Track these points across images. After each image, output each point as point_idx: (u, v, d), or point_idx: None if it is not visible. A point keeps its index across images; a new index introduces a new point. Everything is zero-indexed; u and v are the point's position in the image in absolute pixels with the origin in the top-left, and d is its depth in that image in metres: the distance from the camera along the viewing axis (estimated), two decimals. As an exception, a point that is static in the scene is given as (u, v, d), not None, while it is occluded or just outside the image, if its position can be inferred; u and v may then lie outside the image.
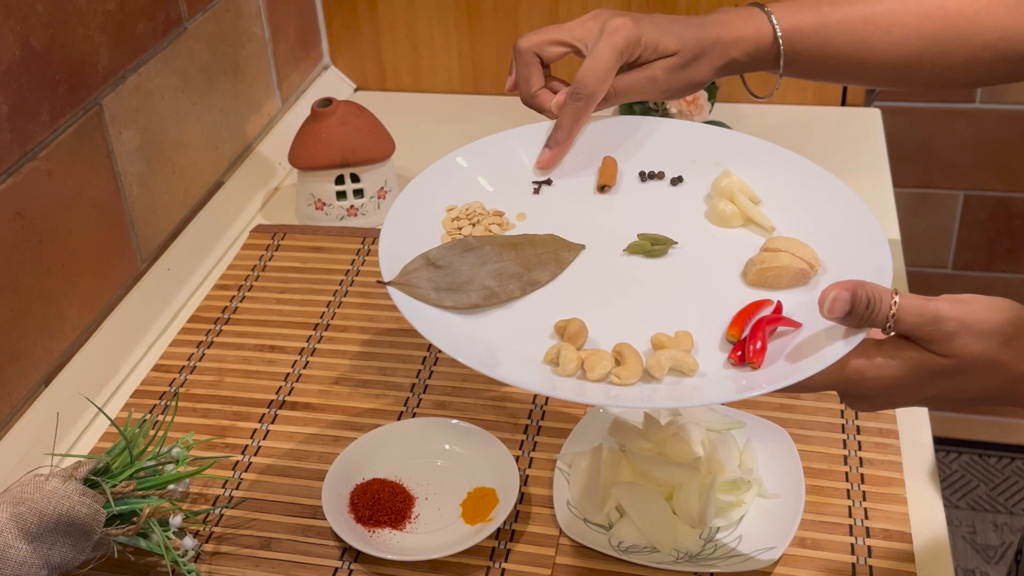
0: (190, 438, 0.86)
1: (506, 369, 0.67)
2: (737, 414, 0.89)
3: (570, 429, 0.90)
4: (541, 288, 0.74)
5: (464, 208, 0.81)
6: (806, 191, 0.78)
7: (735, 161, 0.81)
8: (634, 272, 0.75)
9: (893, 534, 0.81)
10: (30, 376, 0.95)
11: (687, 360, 0.66)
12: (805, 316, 0.67)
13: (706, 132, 0.85)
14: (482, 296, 0.73)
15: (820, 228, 0.75)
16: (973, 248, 1.98)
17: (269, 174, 1.35)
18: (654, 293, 0.74)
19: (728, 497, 0.81)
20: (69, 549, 0.75)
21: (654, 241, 0.77)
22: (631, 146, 0.85)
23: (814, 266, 0.72)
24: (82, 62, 1.00)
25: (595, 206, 0.82)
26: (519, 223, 0.80)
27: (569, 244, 0.78)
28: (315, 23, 1.52)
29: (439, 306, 0.72)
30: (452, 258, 0.75)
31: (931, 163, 1.91)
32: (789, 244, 0.73)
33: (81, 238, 1.01)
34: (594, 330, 0.70)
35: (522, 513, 0.85)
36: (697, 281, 0.74)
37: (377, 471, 0.88)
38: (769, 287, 0.72)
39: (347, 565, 0.82)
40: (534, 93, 0.86)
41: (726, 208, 0.78)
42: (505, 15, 1.47)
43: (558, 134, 0.84)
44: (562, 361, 0.67)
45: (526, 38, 0.85)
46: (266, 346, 1.05)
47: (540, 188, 0.84)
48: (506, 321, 0.72)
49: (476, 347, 0.69)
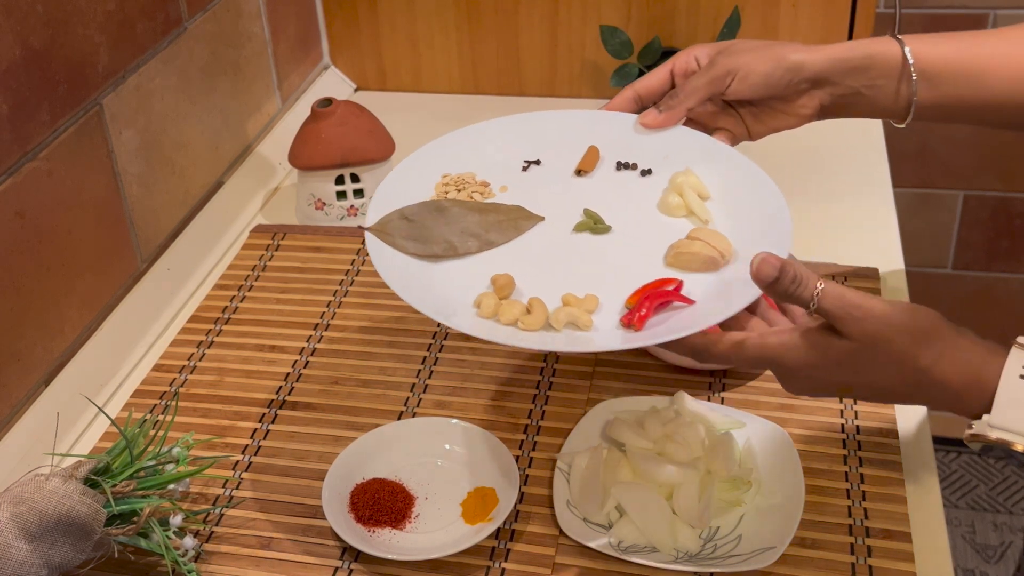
0: (190, 438, 0.86)
1: (435, 308, 0.77)
2: (737, 414, 0.89)
3: (570, 429, 0.90)
4: (495, 248, 0.85)
5: (457, 176, 0.91)
6: (746, 193, 0.86)
7: (700, 161, 0.89)
8: (577, 244, 0.85)
9: (893, 534, 0.81)
10: (30, 376, 0.95)
11: (583, 317, 0.76)
12: (703, 297, 0.77)
13: (684, 134, 0.91)
14: (442, 248, 0.85)
15: (744, 225, 0.84)
16: (973, 248, 1.98)
17: (269, 174, 1.35)
18: (584, 263, 0.83)
19: (728, 497, 0.81)
20: (69, 549, 0.75)
21: (596, 220, 0.86)
22: (617, 138, 0.92)
23: (725, 256, 0.80)
24: (82, 62, 1.00)
25: (568, 187, 0.91)
26: (500, 194, 0.90)
27: (530, 215, 0.88)
28: (315, 23, 1.52)
29: (403, 251, 0.83)
30: (424, 215, 0.87)
31: (931, 163, 1.92)
32: (708, 235, 0.81)
33: (81, 238, 1.01)
34: (523, 285, 0.80)
35: (522, 513, 0.85)
36: (624, 257, 0.83)
37: (377, 471, 0.88)
38: (682, 269, 0.81)
39: (347, 565, 0.82)
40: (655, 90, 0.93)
41: (673, 200, 0.86)
42: (505, 15, 1.47)
43: (671, 100, 0.90)
44: (483, 305, 0.78)
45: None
46: (266, 346, 1.05)
47: (528, 167, 0.93)
48: (456, 272, 0.83)
49: (425, 292, 0.80)
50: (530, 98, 1.52)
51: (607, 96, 1.49)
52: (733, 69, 0.88)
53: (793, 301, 0.70)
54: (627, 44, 1.36)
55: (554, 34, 1.47)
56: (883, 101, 0.88)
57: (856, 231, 1.18)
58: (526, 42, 1.48)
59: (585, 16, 1.44)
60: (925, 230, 1.98)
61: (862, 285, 1.07)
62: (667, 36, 1.43)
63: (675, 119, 0.91)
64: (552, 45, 1.48)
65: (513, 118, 0.95)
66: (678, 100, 0.90)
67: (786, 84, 0.88)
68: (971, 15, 1.75)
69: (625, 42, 1.36)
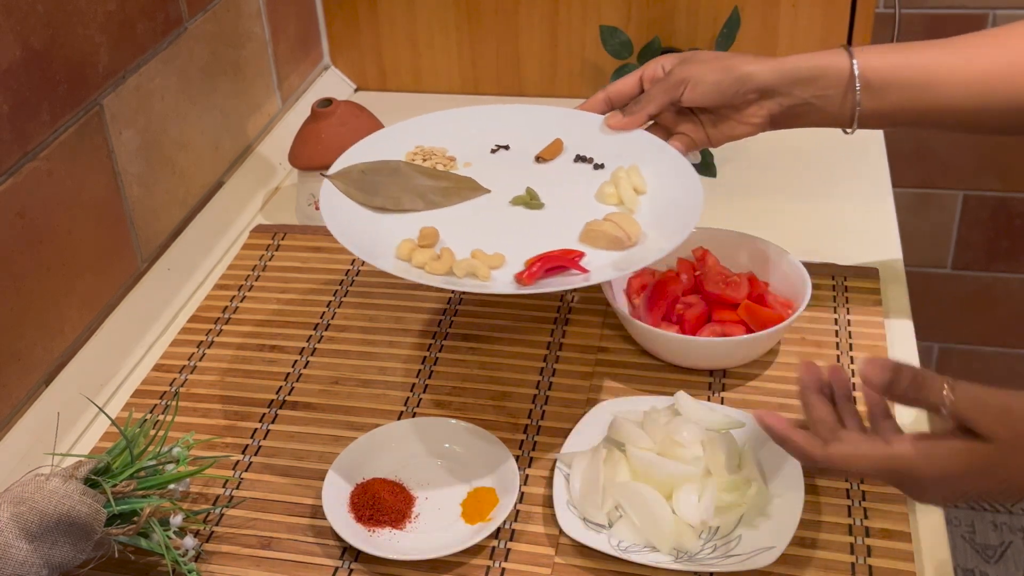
0: (190, 438, 0.86)
1: (362, 248, 0.87)
2: (737, 414, 0.89)
3: (570, 429, 0.90)
4: (437, 208, 0.95)
5: (429, 148, 1.02)
6: (676, 194, 0.94)
7: (648, 161, 0.97)
8: (510, 215, 0.95)
9: (893, 534, 0.81)
10: (30, 376, 0.95)
11: (482, 269, 0.86)
12: (598, 270, 0.87)
13: (641, 136, 0.99)
14: (388, 201, 0.95)
15: (661, 219, 0.92)
16: (972, 248, 1.98)
17: (269, 174, 1.35)
18: (508, 229, 0.93)
19: (728, 497, 0.81)
20: (70, 549, 0.75)
21: (532, 196, 0.96)
22: (583, 135, 1.01)
23: (631, 238, 0.89)
24: (82, 62, 1.00)
25: (526, 170, 1.00)
26: (463, 168, 1.00)
27: (477, 186, 0.98)
28: (315, 23, 1.52)
29: (352, 199, 0.94)
30: (380, 172, 0.98)
31: (930, 163, 1.92)
32: (621, 218, 0.91)
33: (81, 238, 1.01)
34: (449, 241, 0.90)
35: (522, 513, 0.85)
36: (544, 230, 0.92)
37: (377, 471, 0.88)
38: (590, 244, 0.90)
39: (347, 564, 0.82)
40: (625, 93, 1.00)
41: (608, 189, 0.95)
42: (505, 15, 1.47)
43: (635, 106, 0.99)
44: (400, 248, 0.89)
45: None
46: (266, 346, 1.05)
47: (497, 150, 1.03)
48: (396, 224, 0.93)
49: (359, 236, 0.89)
50: (530, 98, 1.52)
51: (607, 96, 1.49)
52: (686, 78, 0.94)
53: (916, 405, 0.66)
54: (627, 44, 1.36)
55: (554, 34, 1.47)
56: (832, 110, 0.92)
57: (856, 231, 1.18)
58: (526, 42, 1.49)
59: (585, 16, 1.45)
60: (925, 230, 1.98)
61: (862, 285, 1.07)
62: (667, 36, 1.43)
63: (636, 123, 0.99)
64: (552, 45, 1.48)
65: (495, 107, 1.05)
66: (640, 106, 0.98)
67: (734, 93, 0.93)
68: (971, 15, 1.75)
69: (625, 42, 1.36)
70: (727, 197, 1.25)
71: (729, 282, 1.00)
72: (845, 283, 1.08)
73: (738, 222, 1.14)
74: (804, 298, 0.97)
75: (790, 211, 1.23)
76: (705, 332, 0.97)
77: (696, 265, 1.04)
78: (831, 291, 1.07)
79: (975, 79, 0.88)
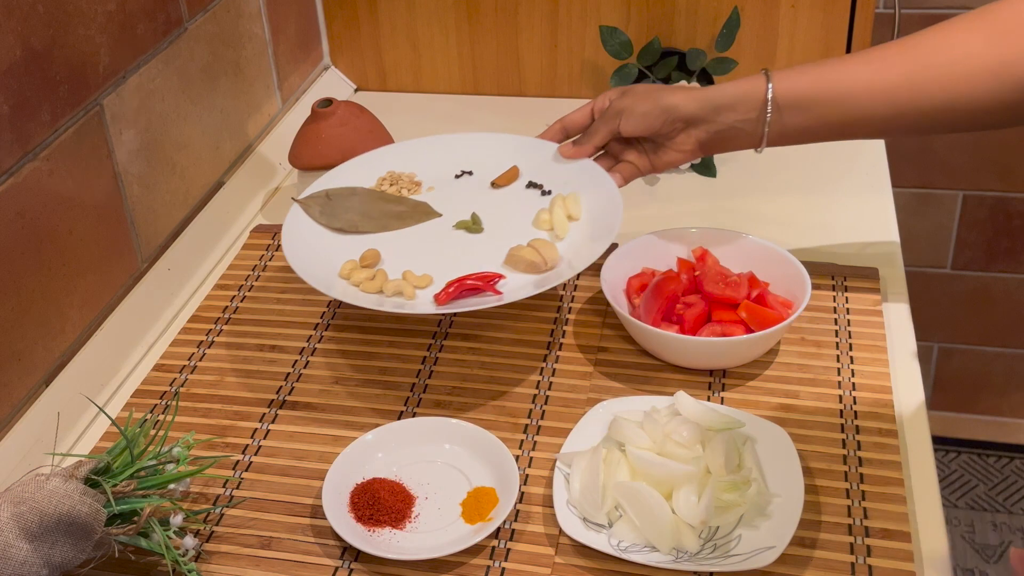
0: (191, 438, 0.86)
1: (311, 274, 0.95)
2: (737, 414, 0.89)
3: (570, 429, 0.90)
4: (390, 232, 1.05)
5: (399, 173, 1.11)
6: (605, 223, 0.99)
7: (588, 189, 1.04)
8: (451, 238, 1.04)
9: (892, 533, 0.81)
10: (31, 376, 0.95)
11: (408, 289, 0.95)
12: (512, 292, 0.94)
13: (587, 166, 1.06)
14: (346, 224, 1.05)
15: (584, 246, 0.98)
16: (972, 248, 1.98)
17: (269, 174, 1.35)
18: (445, 252, 1.01)
19: (728, 497, 0.82)
20: (70, 548, 0.75)
21: (475, 221, 1.04)
22: (538, 162, 1.10)
23: (548, 263, 0.96)
24: (83, 62, 1.00)
25: (480, 195, 1.09)
26: (426, 192, 1.10)
27: (430, 211, 1.07)
28: (315, 23, 1.52)
29: (316, 221, 1.05)
30: (343, 197, 1.08)
31: (930, 163, 1.92)
32: (541, 244, 0.98)
33: (82, 238, 1.01)
34: (391, 261, 1.00)
35: (522, 513, 0.85)
36: (476, 253, 1.00)
37: (377, 471, 0.88)
38: (511, 267, 0.98)
39: (347, 564, 0.82)
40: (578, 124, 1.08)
41: (542, 215, 1.04)
42: (505, 15, 1.47)
43: (583, 138, 1.07)
44: (342, 269, 0.99)
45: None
46: (266, 346, 1.05)
47: (461, 175, 1.12)
48: (351, 244, 1.03)
49: (312, 264, 0.97)
50: (530, 98, 1.52)
51: (607, 96, 1.49)
52: (621, 110, 1.02)
53: None
54: (627, 44, 1.36)
55: (554, 34, 1.47)
56: (759, 132, 0.98)
57: (856, 231, 1.18)
58: (526, 42, 1.49)
59: (585, 16, 1.45)
60: (924, 230, 1.98)
61: (862, 285, 1.07)
62: (667, 36, 1.43)
63: (585, 153, 1.07)
64: (552, 45, 1.48)
65: (463, 135, 1.15)
66: (587, 138, 1.06)
67: (662, 123, 1.00)
68: (970, 15, 1.75)
69: (625, 42, 1.36)
70: (727, 197, 1.25)
71: (729, 282, 1.00)
72: (845, 283, 1.08)
73: (738, 222, 1.14)
74: (804, 298, 0.97)
75: (790, 211, 1.23)
76: (705, 332, 0.97)
77: (696, 265, 1.04)
78: (831, 291, 1.07)
79: (885, 89, 0.93)
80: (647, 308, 0.99)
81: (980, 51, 0.90)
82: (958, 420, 2.18)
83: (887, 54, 0.94)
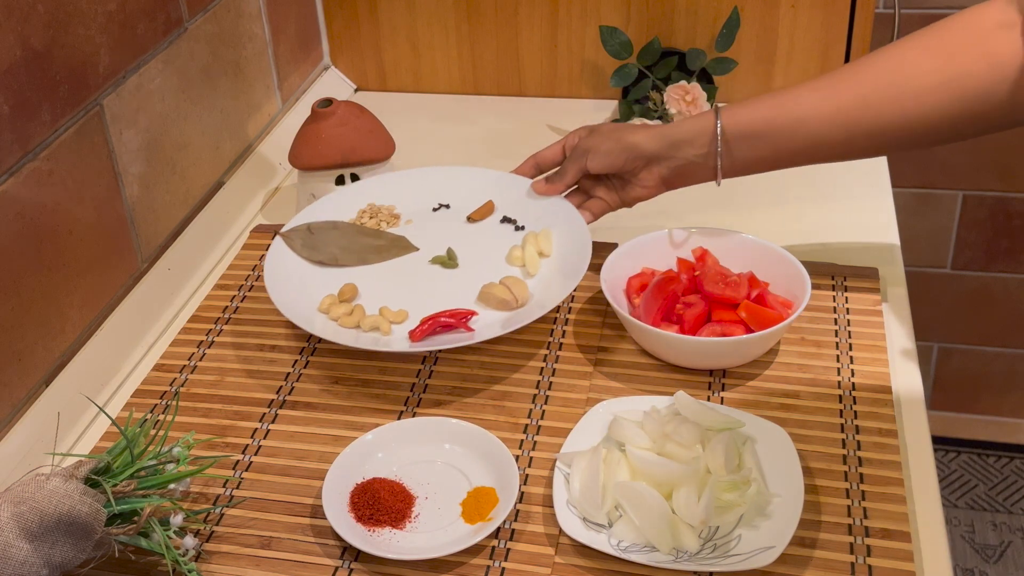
0: (191, 437, 0.86)
1: (290, 308, 0.98)
2: (737, 414, 0.89)
3: (570, 429, 0.90)
4: (368, 265, 1.07)
5: (379, 206, 1.15)
6: (574, 260, 1.03)
7: (560, 225, 1.08)
8: (427, 273, 1.07)
9: (892, 533, 0.81)
10: (31, 376, 0.95)
11: (384, 325, 0.98)
12: (484, 328, 0.97)
13: (558, 202, 1.10)
14: (327, 257, 1.08)
15: (553, 284, 1.02)
16: (972, 248, 1.98)
17: (269, 174, 1.35)
18: (421, 287, 1.04)
19: (728, 497, 0.82)
20: (70, 548, 0.75)
21: (451, 257, 1.08)
22: (513, 198, 1.13)
23: (519, 300, 1.00)
24: (83, 62, 1.00)
25: (456, 229, 1.12)
26: (404, 225, 1.13)
27: (408, 245, 1.10)
28: (315, 23, 1.52)
29: (298, 254, 1.07)
30: (324, 230, 1.10)
31: (930, 163, 1.92)
32: (513, 282, 1.02)
33: (82, 238, 1.01)
34: (368, 295, 1.03)
35: (522, 512, 0.85)
36: (450, 288, 1.04)
37: (377, 471, 0.88)
38: (484, 304, 1.01)
39: (347, 564, 0.82)
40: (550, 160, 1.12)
41: (515, 251, 1.08)
42: (505, 15, 1.47)
43: (555, 175, 1.11)
44: (322, 303, 1.02)
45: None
46: (267, 346, 1.05)
47: (439, 208, 1.16)
48: (330, 277, 1.06)
49: (293, 297, 1.01)
50: (530, 98, 1.52)
51: (606, 96, 1.50)
52: (588, 148, 1.06)
53: None
54: (627, 44, 1.36)
55: (554, 34, 1.47)
56: (714, 165, 1.01)
57: (856, 231, 1.18)
58: (526, 42, 1.49)
59: (585, 16, 1.45)
60: (924, 230, 1.98)
61: (862, 285, 1.07)
62: (666, 36, 1.43)
63: (557, 191, 1.11)
64: (552, 45, 1.48)
65: (441, 168, 1.18)
66: (558, 176, 1.10)
67: (625, 160, 1.04)
68: (970, 15, 1.75)
69: (625, 42, 1.36)
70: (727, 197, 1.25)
71: (729, 282, 1.00)
72: (845, 283, 1.08)
73: (738, 222, 1.14)
74: (804, 298, 0.97)
75: (790, 211, 1.23)
76: (705, 332, 0.97)
77: (696, 265, 1.04)
78: (831, 291, 1.07)
79: (837, 112, 0.95)
80: (647, 308, 0.99)
81: (931, 68, 0.91)
82: (958, 420, 2.18)
83: (837, 79, 0.96)
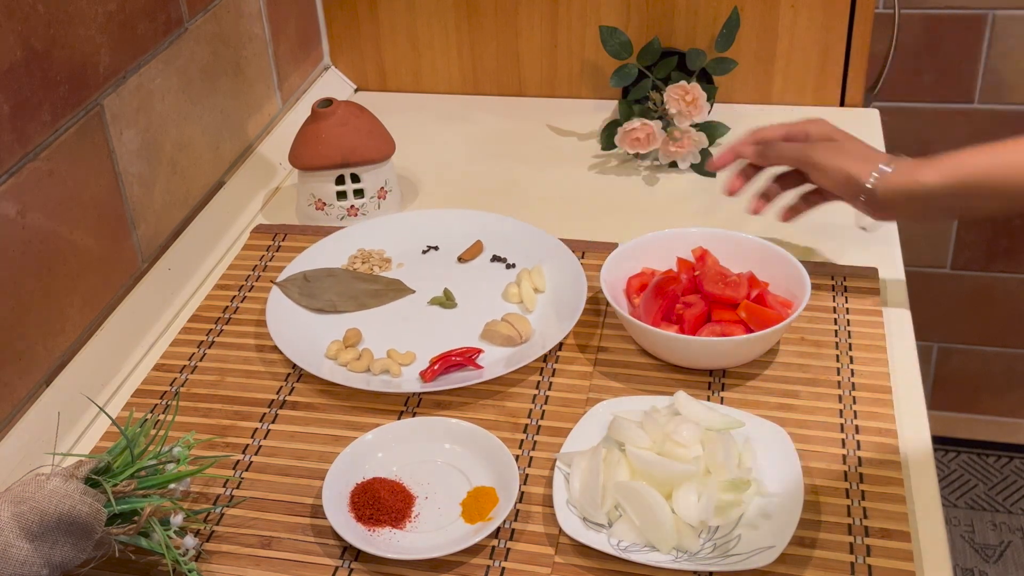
0: (191, 437, 0.86)
1: (299, 356, 1.00)
2: (737, 414, 0.89)
3: (570, 429, 0.90)
4: (367, 310, 1.08)
5: (369, 251, 1.16)
6: (568, 295, 1.06)
7: (550, 262, 1.11)
8: (427, 314, 1.08)
9: (892, 533, 0.81)
10: (31, 376, 0.95)
11: (394, 367, 0.99)
12: (492, 365, 0.99)
13: (547, 239, 1.13)
14: (326, 304, 1.08)
15: (551, 318, 1.04)
16: (971, 248, 1.98)
17: (270, 174, 1.35)
18: (423, 327, 1.06)
19: (728, 497, 0.82)
20: (70, 548, 0.75)
21: (448, 297, 1.09)
22: (503, 238, 1.16)
23: (523, 336, 1.02)
24: (83, 62, 1.00)
25: (448, 269, 1.14)
26: (396, 268, 1.15)
27: (404, 288, 1.11)
28: (315, 24, 1.52)
29: (297, 303, 1.08)
30: (320, 278, 1.11)
31: (930, 163, 1.91)
32: (515, 319, 1.03)
33: (82, 238, 1.01)
34: (372, 338, 1.04)
35: (522, 512, 0.85)
36: (453, 328, 1.05)
37: (377, 471, 0.88)
38: (488, 341, 1.02)
39: (347, 564, 0.82)
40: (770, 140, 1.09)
41: (511, 289, 1.09)
42: (505, 15, 1.47)
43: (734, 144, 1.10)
44: (328, 349, 1.03)
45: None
46: (267, 346, 1.05)
47: (428, 251, 1.17)
48: (331, 324, 1.06)
49: (295, 343, 1.02)
50: (530, 98, 1.52)
51: (606, 96, 1.50)
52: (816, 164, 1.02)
53: None
54: (626, 44, 1.36)
55: (554, 34, 1.47)
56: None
57: (855, 231, 1.18)
58: (526, 42, 1.49)
59: (585, 16, 1.45)
60: (924, 230, 1.98)
61: (862, 285, 1.07)
62: (666, 36, 1.43)
63: (726, 161, 1.09)
64: (552, 45, 1.48)
65: (428, 211, 1.21)
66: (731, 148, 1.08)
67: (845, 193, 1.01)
68: (970, 15, 1.75)
69: (624, 42, 1.36)
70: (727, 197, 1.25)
71: (729, 282, 1.00)
72: (845, 283, 1.08)
73: (738, 222, 1.14)
74: (804, 298, 0.97)
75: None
76: (705, 332, 0.97)
77: (696, 265, 1.04)
78: (831, 291, 1.07)
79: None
80: (647, 308, 0.99)
81: None
82: (958, 420, 2.18)
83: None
